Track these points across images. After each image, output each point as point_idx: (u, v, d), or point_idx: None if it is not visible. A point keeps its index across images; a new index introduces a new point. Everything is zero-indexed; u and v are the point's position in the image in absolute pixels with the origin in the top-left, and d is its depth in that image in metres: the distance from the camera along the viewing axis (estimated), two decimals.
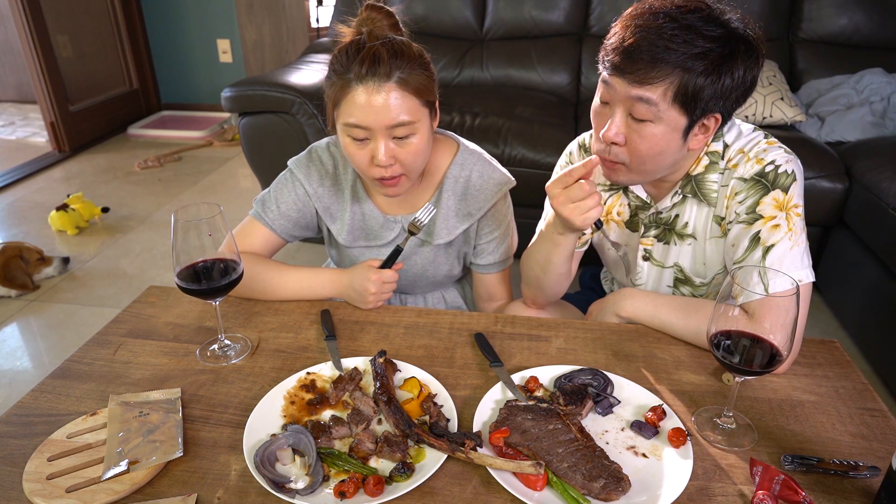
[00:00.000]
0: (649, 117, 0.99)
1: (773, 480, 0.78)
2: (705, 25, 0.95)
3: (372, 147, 1.10)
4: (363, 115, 1.07)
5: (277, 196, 1.27)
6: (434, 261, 1.33)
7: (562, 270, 1.19)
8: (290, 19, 4.10)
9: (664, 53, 0.95)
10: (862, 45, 2.80)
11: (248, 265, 1.17)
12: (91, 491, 0.79)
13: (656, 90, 0.97)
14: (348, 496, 0.78)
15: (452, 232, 1.28)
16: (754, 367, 0.84)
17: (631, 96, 0.99)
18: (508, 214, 1.34)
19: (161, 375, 1.02)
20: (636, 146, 1.02)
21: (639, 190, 1.19)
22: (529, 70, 2.99)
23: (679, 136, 1.02)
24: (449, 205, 1.27)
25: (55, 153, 4.01)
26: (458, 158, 1.27)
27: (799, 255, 1.04)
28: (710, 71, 0.95)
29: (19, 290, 2.52)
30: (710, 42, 0.95)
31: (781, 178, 1.05)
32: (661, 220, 1.19)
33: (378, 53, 1.05)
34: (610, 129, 1.02)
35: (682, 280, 1.23)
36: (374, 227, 1.29)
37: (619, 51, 0.98)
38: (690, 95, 0.97)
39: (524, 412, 0.90)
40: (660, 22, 0.96)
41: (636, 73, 0.97)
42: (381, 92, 1.05)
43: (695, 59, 0.95)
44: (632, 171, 1.07)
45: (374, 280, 1.16)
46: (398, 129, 1.08)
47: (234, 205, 3.35)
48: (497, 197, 1.27)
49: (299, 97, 2.40)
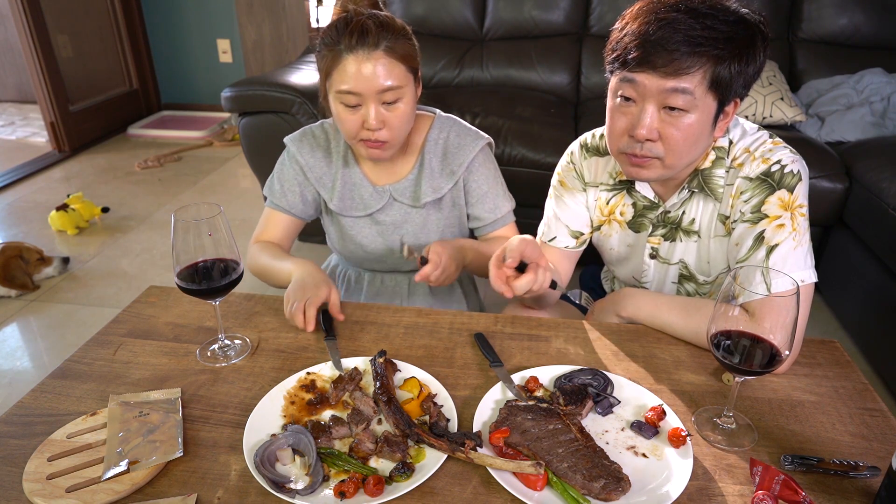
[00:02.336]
0: (685, 106, 0.99)
1: (773, 480, 0.78)
2: (719, 13, 0.96)
3: (363, 112, 1.19)
4: (354, 82, 1.15)
5: (279, 176, 1.37)
6: (425, 225, 1.38)
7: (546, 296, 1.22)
8: (290, 19, 4.10)
9: (693, 42, 0.95)
10: (862, 45, 2.80)
11: (255, 253, 1.31)
12: (91, 491, 0.79)
13: (693, 79, 0.97)
14: (348, 496, 0.78)
15: (438, 191, 1.34)
16: (754, 367, 0.84)
17: (666, 89, 0.98)
18: (494, 171, 1.39)
19: (161, 375, 1.02)
20: (673, 138, 1.02)
21: (646, 190, 1.19)
22: (529, 70, 2.99)
23: (710, 123, 1.02)
24: (432, 165, 1.34)
25: (55, 153, 4.01)
26: (435, 124, 1.36)
27: (802, 255, 1.04)
28: (738, 56, 0.97)
29: (19, 290, 2.52)
30: (731, 26, 0.96)
31: (787, 177, 1.05)
32: (669, 219, 1.19)
33: (366, 25, 1.14)
34: (642, 126, 1.01)
35: (686, 276, 1.22)
36: (364, 196, 1.37)
37: (643, 45, 0.97)
38: (725, 82, 0.98)
39: (524, 412, 0.90)
40: (678, 13, 0.96)
41: (670, 64, 0.96)
42: (371, 60, 1.15)
43: (722, 43, 0.95)
44: (665, 166, 1.06)
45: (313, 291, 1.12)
46: (387, 93, 1.17)
47: (234, 205, 3.35)
48: (475, 150, 1.33)
49: (299, 97, 2.40)
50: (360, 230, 1.39)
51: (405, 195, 1.35)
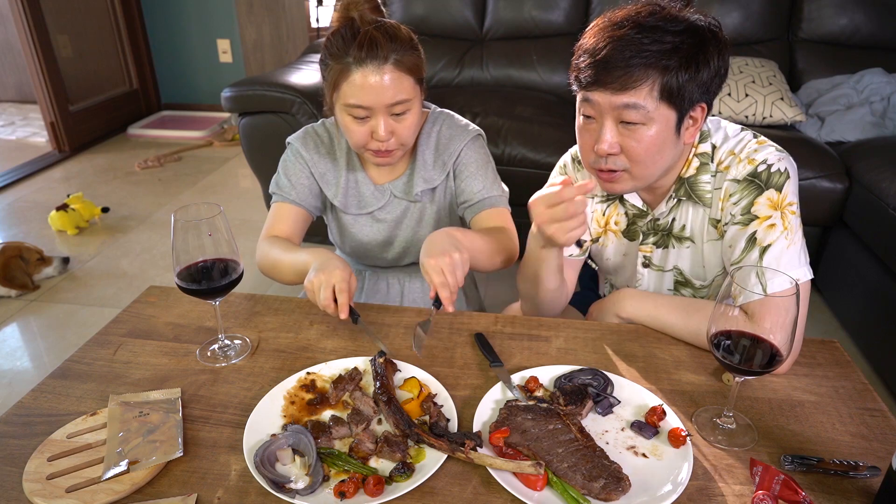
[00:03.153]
0: (640, 120, 1.00)
1: (773, 480, 0.78)
2: (667, 23, 0.97)
3: (372, 124, 1.19)
4: (364, 95, 1.15)
5: (286, 171, 1.36)
6: (421, 219, 1.38)
7: (552, 286, 1.19)
8: (290, 19, 4.10)
9: (638, 56, 0.96)
10: (862, 45, 2.80)
11: (265, 248, 1.27)
12: (91, 491, 0.79)
13: (640, 93, 0.98)
14: (348, 496, 0.78)
15: (430, 182, 1.34)
16: (754, 367, 0.84)
17: (617, 105, 1.00)
18: (485, 158, 1.36)
19: (161, 375, 1.02)
20: (634, 150, 1.03)
21: (634, 199, 1.20)
22: (529, 70, 2.99)
23: (672, 132, 1.03)
24: (425, 157, 1.34)
25: (55, 153, 4.01)
26: (429, 118, 1.36)
27: (796, 253, 1.04)
28: (686, 63, 0.97)
29: (19, 290, 2.52)
30: (677, 36, 0.97)
31: (775, 176, 1.05)
32: (659, 226, 1.19)
33: (374, 38, 1.13)
34: (603, 141, 1.03)
35: (682, 283, 1.23)
36: (366, 195, 1.37)
37: (593, 64, 0.99)
38: (675, 91, 0.98)
39: (524, 412, 0.90)
40: (625, 30, 0.98)
41: (617, 81, 0.98)
42: (380, 74, 1.14)
43: (669, 54, 0.96)
44: (634, 177, 1.07)
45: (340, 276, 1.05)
46: (396, 106, 1.17)
47: (234, 205, 3.35)
48: (465, 140, 1.33)
49: (299, 97, 2.40)
50: (361, 228, 1.40)
51: (402, 191, 1.36)
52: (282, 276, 1.26)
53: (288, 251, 1.23)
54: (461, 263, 1.03)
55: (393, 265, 1.48)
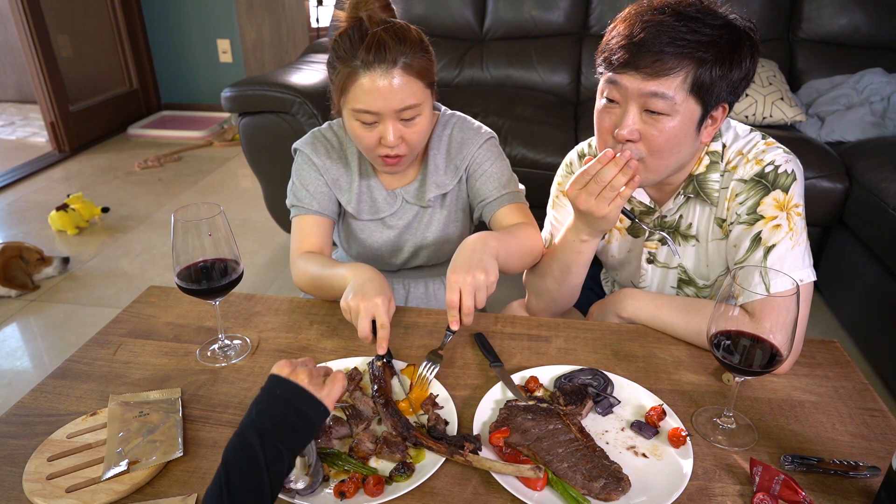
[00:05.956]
0: (666, 111, 0.99)
1: (773, 480, 0.78)
2: (707, 16, 0.97)
3: (380, 129, 1.15)
4: (372, 100, 1.11)
5: (302, 182, 1.30)
6: (430, 224, 1.35)
7: (578, 280, 1.20)
8: (290, 19, 4.10)
9: (675, 45, 0.95)
10: (862, 45, 2.80)
11: (301, 266, 1.22)
12: (91, 491, 0.79)
13: (672, 83, 0.97)
14: (348, 496, 0.78)
15: (443, 187, 1.31)
16: (754, 367, 0.84)
17: (646, 92, 0.98)
18: (500, 158, 1.33)
19: (161, 375, 1.02)
20: (654, 140, 1.02)
21: (641, 195, 1.19)
22: (529, 70, 2.99)
23: (694, 128, 1.02)
24: (437, 162, 1.31)
25: (55, 153, 4.01)
26: (440, 121, 1.32)
27: (800, 254, 1.04)
28: (721, 60, 0.97)
29: (19, 290, 2.52)
30: (716, 31, 0.96)
31: (781, 178, 1.05)
32: (666, 223, 1.19)
33: (383, 40, 1.08)
34: (624, 126, 1.02)
35: (685, 281, 1.23)
36: (379, 201, 1.33)
37: (627, 46, 0.98)
38: (706, 86, 0.98)
39: (524, 412, 0.90)
40: (665, 16, 0.97)
41: (651, 66, 0.97)
42: (388, 78, 1.09)
43: (706, 47, 0.96)
44: (648, 169, 1.06)
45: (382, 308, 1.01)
46: (405, 112, 1.13)
47: (234, 205, 3.35)
48: (478, 144, 1.30)
49: (299, 97, 2.39)
50: (371, 234, 1.37)
51: (414, 196, 1.33)
52: (323, 293, 1.21)
53: (325, 267, 1.17)
54: (485, 287, 0.98)
55: (399, 269, 1.47)
